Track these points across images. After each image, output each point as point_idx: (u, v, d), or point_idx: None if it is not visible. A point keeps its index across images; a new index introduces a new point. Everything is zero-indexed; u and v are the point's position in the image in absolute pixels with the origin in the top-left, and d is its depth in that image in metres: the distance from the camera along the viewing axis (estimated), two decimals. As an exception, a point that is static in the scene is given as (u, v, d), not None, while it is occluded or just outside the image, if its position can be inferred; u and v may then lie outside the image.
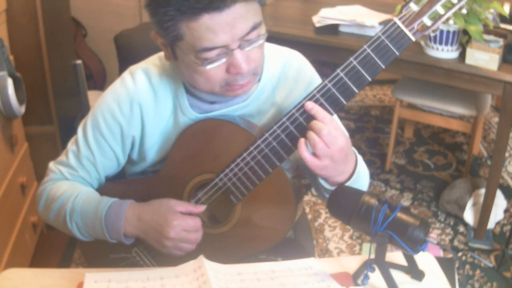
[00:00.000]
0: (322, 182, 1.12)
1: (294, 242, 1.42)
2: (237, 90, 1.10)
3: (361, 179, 1.13)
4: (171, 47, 1.06)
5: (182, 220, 1.12)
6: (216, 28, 0.98)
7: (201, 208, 1.16)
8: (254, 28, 1.02)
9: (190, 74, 1.09)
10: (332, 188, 1.09)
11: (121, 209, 1.14)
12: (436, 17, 1.02)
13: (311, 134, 1.02)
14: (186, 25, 0.99)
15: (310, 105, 1.04)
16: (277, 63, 1.21)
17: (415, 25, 1.02)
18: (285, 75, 1.21)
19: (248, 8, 1.00)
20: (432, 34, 1.03)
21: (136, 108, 1.17)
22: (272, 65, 1.20)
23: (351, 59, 1.03)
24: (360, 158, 1.15)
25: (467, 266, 2.29)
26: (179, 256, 1.14)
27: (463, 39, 2.20)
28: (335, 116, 1.14)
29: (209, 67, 1.04)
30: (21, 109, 1.97)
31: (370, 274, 1.00)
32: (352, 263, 1.10)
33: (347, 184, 1.09)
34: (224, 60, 1.03)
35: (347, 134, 1.07)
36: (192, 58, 1.04)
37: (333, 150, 1.02)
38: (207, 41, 1.00)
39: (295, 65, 1.22)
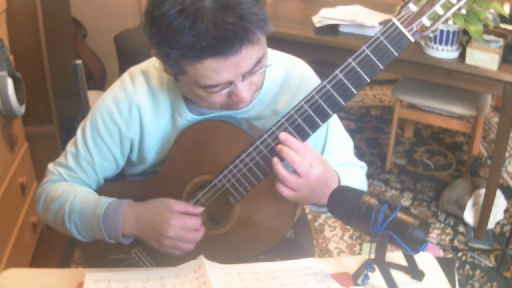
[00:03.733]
0: (310, 206, 1.13)
1: (294, 242, 1.42)
2: (237, 109, 1.12)
3: None
4: (174, 75, 1.06)
5: (181, 219, 1.12)
6: (220, 69, 0.98)
7: (199, 210, 1.16)
8: (258, 62, 1.02)
9: (191, 96, 1.10)
10: (321, 209, 1.12)
11: (119, 209, 1.14)
12: (435, 18, 1.01)
13: (280, 167, 1.04)
14: (190, 65, 0.98)
15: (284, 136, 1.05)
16: (280, 70, 1.20)
17: (414, 26, 1.01)
18: (287, 83, 1.20)
19: (254, 47, 0.99)
20: (431, 35, 1.03)
21: (135, 110, 1.17)
22: (274, 73, 1.19)
23: (350, 60, 1.03)
24: (345, 176, 1.16)
25: (467, 266, 2.29)
26: (178, 256, 1.14)
27: (463, 39, 2.20)
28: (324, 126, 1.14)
29: (210, 98, 1.05)
30: (21, 109, 1.97)
31: (370, 274, 1.00)
32: (352, 263, 1.10)
33: None
34: (226, 90, 1.04)
35: (323, 159, 1.07)
36: (194, 89, 1.04)
37: (307, 179, 1.03)
38: (211, 80, 1.00)
39: (297, 73, 1.21)
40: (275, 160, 1.05)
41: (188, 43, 0.94)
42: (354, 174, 1.23)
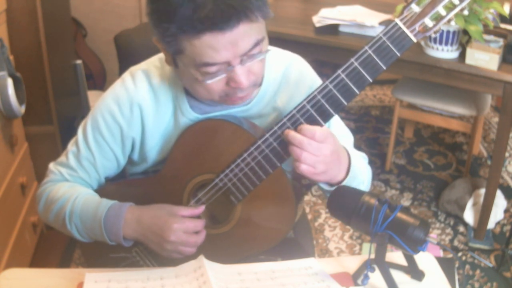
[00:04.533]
0: (322, 185, 1.12)
1: (294, 242, 1.42)
2: (236, 101, 1.10)
3: (358, 171, 1.14)
4: (172, 56, 1.06)
5: (182, 223, 1.11)
6: (218, 46, 0.98)
7: (201, 208, 1.16)
8: (256, 44, 1.01)
9: (190, 84, 1.09)
10: (332, 188, 1.10)
11: (121, 212, 1.14)
12: (437, 18, 1.01)
13: (293, 148, 1.02)
14: (187, 41, 0.99)
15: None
16: (279, 67, 1.20)
17: (417, 26, 1.01)
18: (286, 79, 1.20)
19: (252, 26, 0.99)
20: (433, 36, 1.03)
21: (136, 109, 1.17)
22: (273, 69, 1.20)
23: (352, 60, 1.03)
24: (354, 152, 1.15)
25: (467, 266, 2.29)
26: (180, 258, 1.14)
27: (463, 39, 2.20)
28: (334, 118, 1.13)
29: (209, 81, 1.04)
30: (21, 109, 1.97)
31: (370, 274, 1.00)
32: (352, 263, 1.10)
33: (346, 180, 1.09)
34: (224, 75, 1.03)
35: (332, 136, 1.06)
36: (192, 71, 1.04)
37: (322, 156, 1.02)
38: (208, 58, 0.99)
39: (296, 69, 1.21)
40: (288, 131, 1.03)
41: (186, 15, 0.95)
42: (359, 157, 1.23)
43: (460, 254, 2.38)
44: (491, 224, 2.48)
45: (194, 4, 0.94)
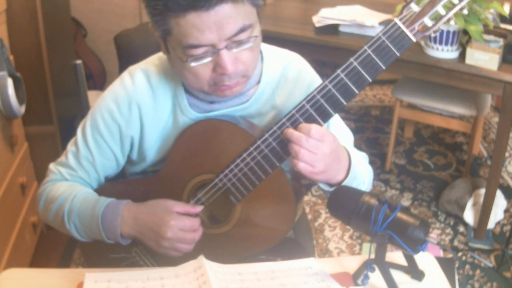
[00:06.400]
0: (322, 185, 1.12)
1: (294, 242, 1.42)
2: (224, 91, 1.09)
3: (359, 172, 1.13)
4: (163, 40, 1.07)
5: (179, 220, 1.11)
6: (202, 26, 0.98)
7: (199, 208, 1.16)
8: (243, 30, 1.01)
9: (180, 69, 1.09)
10: (332, 189, 1.09)
11: (118, 209, 1.14)
12: (437, 18, 1.01)
13: (291, 144, 1.02)
14: (174, 21, 0.99)
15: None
16: (277, 65, 1.20)
17: (416, 26, 1.01)
18: (284, 78, 1.20)
19: (238, 10, 0.99)
20: (433, 35, 1.03)
21: (135, 108, 1.17)
22: (271, 68, 1.20)
23: (352, 59, 1.03)
24: (354, 152, 1.15)
25: (467, 266, 2.29)
26: (177, 256, 1.14)
27: (463, 39, 2.20)
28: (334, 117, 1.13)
29: (193, 64, 1.03)
30: (21, 109, 1.97)
31: (370, 274, 1.00)
32: (352, 263, 1.10)
33: (347, 180, 1.09)
34: (210, 59, 1.03)
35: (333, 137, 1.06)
36: (180, 54, 1.04)
37: (320, 154, 1.02)
38: (193, 39, 1.00)
39: (294, 68, 1.21)
40: (287, 129, 1.04)
41: None
42: (360, 158, 1.23)
43: (460, 254, 2.38)
44: (491, 224, 2.48)
45: None
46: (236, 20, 0.99)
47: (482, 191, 2.47)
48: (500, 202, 2.56)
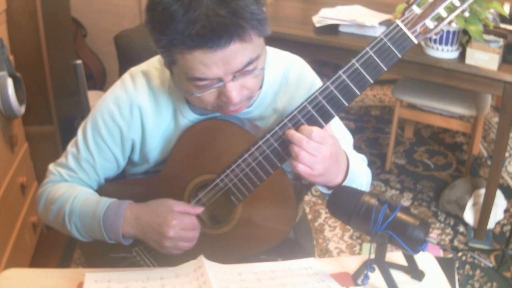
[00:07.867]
0: (320, 188, 1.12)
1: (294, 242, 1.42)
2: (229, 113, 1.10)
3: (357, 175, 1.13)
4: (168, 65, 1.06)
5: (181, 219, 1.12)
6: (209, 63, 0.97)
7: (199, 209, 1.16)
8: (250, 63, 1.00)
9: (183, 91, 1.10)
10: (330, 192, 1.09)
11: (119, 210, 1.14)
12: (438, 20, 1.01)
13: (291, 146, 1.02)
14: (179, 54, 0.98)
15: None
16: (278, 68, 1.20)
17: (418, 28, 1.01)
18: (286, 81, 1.20)
19: (246, 46, 0.98)
20: (434, 37, 1.03)
21: (136, 111, 1.17)
22: (273, 71, 1.19)
23: (353, 61, 1.03)
24: (353, 155, 1.15)
25: (467, 266, 2.29)
26: (179, 255, 1.14)
27: (463, 39, 2.20)
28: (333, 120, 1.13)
29: (198, 94, 1.03)
30: (21, 109, 1.97)
31: (370, 274, 1.00)
32: (352, 263, 1.10)
33: (344, 183, 1.09)
34: (215, 89, 1.03)
35: (334, 138, 1.05)
36: (184, 83, 1.04)
37: (320, 157, 1.01)
38: (199, 73, 0.99)
39: (296, 70, 1.21)
40: (288, 130, 1.04)
41: (178, 30, 0.94)
42: (359, 160, 1.22)
43: (460, 254, 2.38)
44: (491, 224, 2.48)
45: (186, 19, 0.93)
46: (243, 56, 0.98)
47: (482, 191, 2.47)
48: (500, 202, 2.56)
